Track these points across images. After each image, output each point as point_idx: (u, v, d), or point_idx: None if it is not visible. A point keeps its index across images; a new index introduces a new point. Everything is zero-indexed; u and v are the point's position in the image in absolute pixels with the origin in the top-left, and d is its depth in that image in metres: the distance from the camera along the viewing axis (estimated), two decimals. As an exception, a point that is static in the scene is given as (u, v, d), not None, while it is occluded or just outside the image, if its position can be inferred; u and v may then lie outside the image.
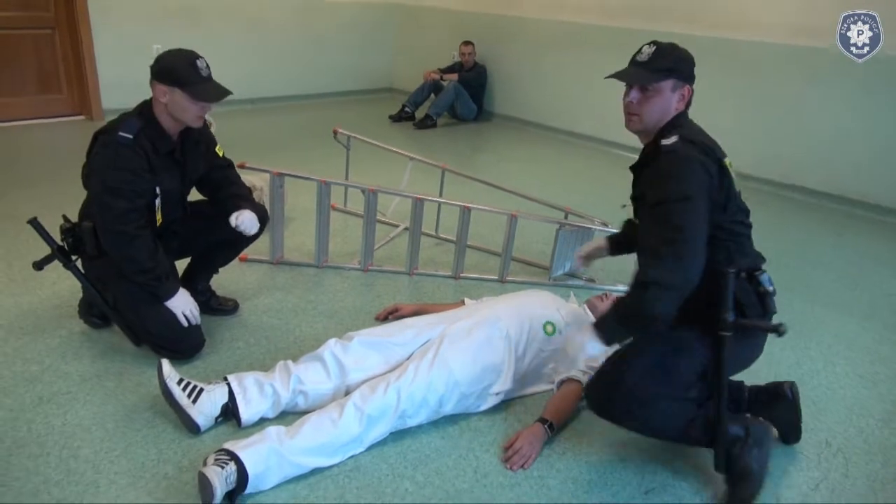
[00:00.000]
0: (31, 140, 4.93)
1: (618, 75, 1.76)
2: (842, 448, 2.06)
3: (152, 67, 2.04)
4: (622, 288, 2.98)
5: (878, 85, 4.24)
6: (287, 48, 6.53)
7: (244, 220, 2.23)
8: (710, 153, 1.64)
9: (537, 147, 5.84)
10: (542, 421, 1.96)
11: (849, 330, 2.84)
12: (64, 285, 2.64)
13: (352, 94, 7.26)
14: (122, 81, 5.43)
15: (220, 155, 2.33)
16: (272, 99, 6.42)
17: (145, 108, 2.07)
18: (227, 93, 2.08)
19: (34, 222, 2.12)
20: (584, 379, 2.09)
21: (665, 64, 1.70)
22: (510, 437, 1.94)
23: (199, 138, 2.23)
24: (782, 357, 2.56)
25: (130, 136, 1.98)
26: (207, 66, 2.08)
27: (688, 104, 1.78)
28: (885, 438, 2.13)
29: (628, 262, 2.01)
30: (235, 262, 2.70)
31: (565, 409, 2.04)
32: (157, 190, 2.09)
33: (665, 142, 1.65)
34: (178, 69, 2.02)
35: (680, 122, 1.74)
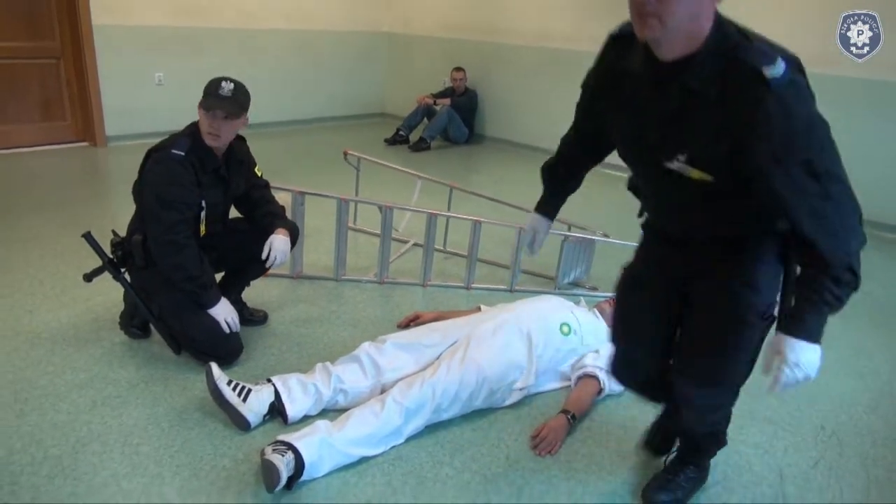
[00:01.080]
0: (38, 166, 5.03)
1: None
2: (835, 431, 2.26)
3: None
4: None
5: (858, 107, 4.52)
6: (283, 75, 6.73)
7: (276, 255, 2.37)
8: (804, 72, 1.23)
9: (528, 167, 6.04)
10: (565, 412, 2.13)
11: (834, 328, 3.04)
12: (98, 300, 2.76)
13: (345, 118, 7.46)
14: (125, 109, 5.59)
15: (259, 175, 2.49)
16: (269, 124, 6.59)
17: (194, 129, 2.23)
18: (224, 108, 2.16)
19: (88, 236, 2.26)
20: (602, 375, 2.27)
21: None
22: (536, 427, 2.11)
23: (242, 158, 2.40)
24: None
25: (182, 153, 2.15)
26: (234, 90, 2.20)
27: None
28: (872, 423, 2.33)
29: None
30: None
31: (585, 400, 2.21)
32: (203, 203, 2.25)
33: (771, 71, 1.15)
34: (207, 86, 2.20)
35: (735, 27, 1.24)
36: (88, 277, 2.31)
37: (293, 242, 2.51)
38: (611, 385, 2.29)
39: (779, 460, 2.08)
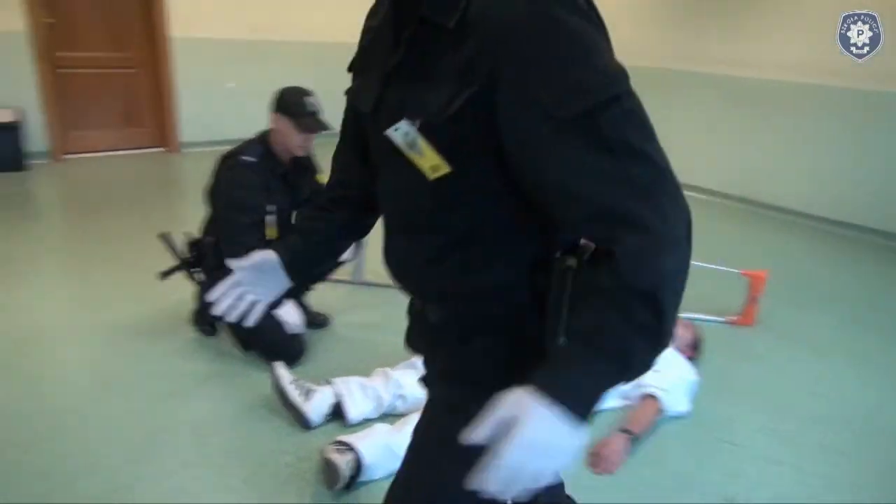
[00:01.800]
0: (118, 169, 5.31)
1: None
2: (844, 451, 2.15)
3: (273, 100, 2.30)
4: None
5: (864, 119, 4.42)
6: (346, 86, 6.89)
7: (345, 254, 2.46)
8: None
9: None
10: (627, 431, 2.10)
11: (842, 341, 3.01)
12: (173, 298, 2.88)
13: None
14: (198, 117, 5.85)
15: (321, 182, 2.57)
16: (333, 133, 6.76)
17: (265, 137, 2.33)
18: (325, 126, 2.29)
19: (164, 237, 2.37)
20: (661, 395, 2.23)
21: None
22: (596, 444, 2.08)
23: (308, 165, 2.48)
24: (794, 370, 2.66)
25: (254, 160, 2.24)
26: (316, 103, 2.32)
27: None
28: (878, 442, 2.22)
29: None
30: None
31: (646, 421, 2.17)
32: (271, 208, 2.34)
33: None
34: (288, 100, 2.29)
35: None
36: (164, 275, 2.42)
37: (357, 247, 2.57)
38: (670, 406, 2.25)
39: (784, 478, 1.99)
